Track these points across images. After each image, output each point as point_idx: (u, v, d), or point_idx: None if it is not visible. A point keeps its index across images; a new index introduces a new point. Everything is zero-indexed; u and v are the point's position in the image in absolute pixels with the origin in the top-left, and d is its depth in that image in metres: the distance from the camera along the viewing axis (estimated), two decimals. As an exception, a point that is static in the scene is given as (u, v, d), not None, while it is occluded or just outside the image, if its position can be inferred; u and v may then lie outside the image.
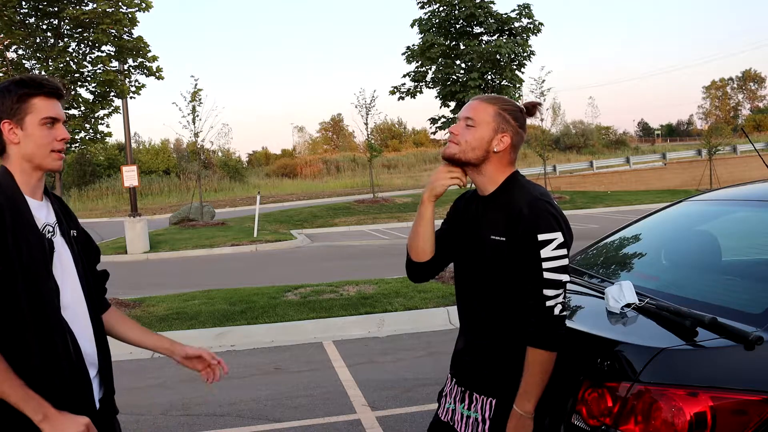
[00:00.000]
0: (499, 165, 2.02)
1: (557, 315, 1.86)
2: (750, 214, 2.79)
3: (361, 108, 26.06)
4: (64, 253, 1.83)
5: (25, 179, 1.79)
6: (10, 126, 1.76)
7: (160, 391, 5.16)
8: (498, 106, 2.01)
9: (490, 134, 1.99)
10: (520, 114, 2.03)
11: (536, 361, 1.86)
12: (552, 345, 1.86)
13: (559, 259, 1.86)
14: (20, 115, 1.75)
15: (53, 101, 1.80)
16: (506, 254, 1.92)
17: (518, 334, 1.91)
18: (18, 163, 1.78)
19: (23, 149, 1.77)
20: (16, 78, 1.81)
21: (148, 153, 50.28)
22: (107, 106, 9.09)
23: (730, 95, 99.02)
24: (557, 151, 55.44)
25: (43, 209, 1.82)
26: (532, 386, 1.87)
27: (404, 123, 78.33)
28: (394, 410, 4.48)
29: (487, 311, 2.01)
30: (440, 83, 13.56)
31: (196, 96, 19.59)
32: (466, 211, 2.14)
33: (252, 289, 8.65)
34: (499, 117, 2.00)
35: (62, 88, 1.86)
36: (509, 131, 2.00)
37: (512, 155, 2.03)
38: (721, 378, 1.73)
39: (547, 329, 1.85)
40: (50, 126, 1.79)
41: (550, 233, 1.86)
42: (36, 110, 1.77)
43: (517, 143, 2.03)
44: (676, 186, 31.60)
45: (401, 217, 22.48)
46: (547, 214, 1.88)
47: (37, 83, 1.78)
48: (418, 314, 7.00)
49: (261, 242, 16.06)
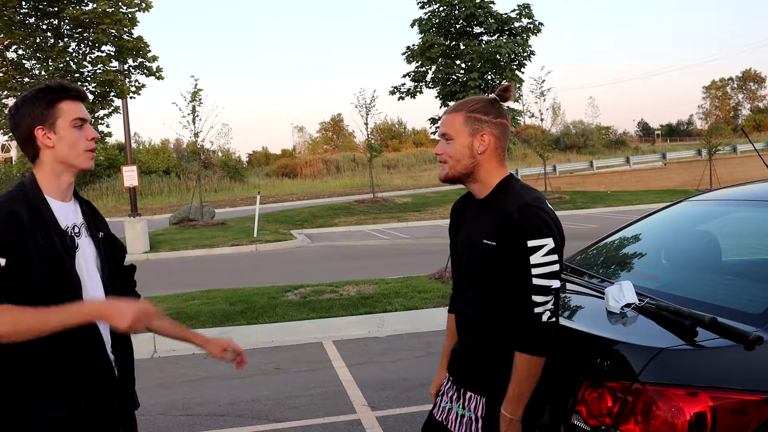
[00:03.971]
0: (489, 166, 2.01)
1: (545, 321, 1.85)
2: (750, 214, 2.78)
3: (361, 108, 26.12)
4: (88, 253, 1.90)
5: (56, 183, 1.85)
6: (44, 131, 1.83)
7: (160, 391, 5.15)
8: (465, 111, 2.00)
9: (468, 140, 1.99)
10: (492, 106, 2.01)
11: (524, 366, 1.87)
12: (539, 350, 1.86)
13: (549, 265, 1.86)
14: (51, 120, 1.82)
15: (78, 104, 1.88)
16: (497, 259, 1.92)
17: (507, 337, 1.92)
18: (51, 167, 1.85)
19: (58, 152, 1.84)
20: (42, 86, 1.88)
21: (148, 153, 50.26)
22: (107, 106, 9.11)
23: (730, 95, 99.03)
24: (557, 151, 55.44)
25: (71, 211, 1.89)
26: (520, 391, 1.87)
27: (404, 123, 78.37)
28: (394, 410, 4.48)
29: (477, 313, 2.03)
30: (440, 83, 13.55)
31: (196, 96, 19.59)
32: (463, 212, 2.16)
33: (252, 289, 8.65)
34: (469, 120, 1.99)
35: (84, 92, 1.94)
36: (486, 128, 1.99)
37: (500, 150, 2.02)
38: (721, 378, 1.73)
39: (535, 335, 1.85)
40: (80, 127, 1.86)
41: (540, 239, 1.85)
42: (65, 113, 1.84)
43: (501, 134, 2.01)
44: (676, 186, 31.61)
45: (401, 217, 22.49)
46: (537, 219, 1.87)
47: (62, 88, 1.86)
48: (418, 314, 6.99)
49: (261, 242, 16.06)
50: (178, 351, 6.39)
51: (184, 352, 6.36)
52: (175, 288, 9.36)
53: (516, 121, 15.42)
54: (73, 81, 8.68)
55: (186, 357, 6.21)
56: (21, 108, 1.83)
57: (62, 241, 1.79)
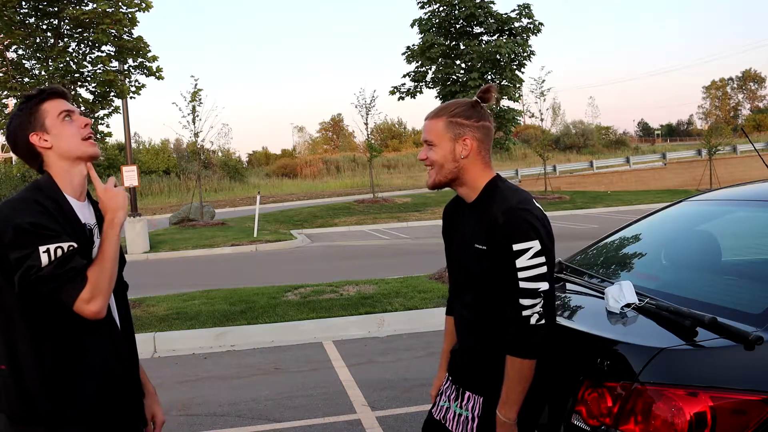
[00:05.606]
0: (474, 169, 2.01)
1: (533, 324, 1.85)
2: (750, 214, 2.78)
3: (361, 108, 26.15)
4: None
5: (69, 179, 1.87)
6: (38, 135, 1.86)
7: (160, 391, 5.12)
8: (445, 116, 2.00)
9: (450, 145, 1.99)
10: (473, 109, 2.00)
11: (515, 369, 1.87)
12: (529, 353, 1.86)
13: (536, 267, 1.85)
14: (40, 122, 1.86)
15: (59, 100, 1.91)
16: (488, 263, 1.93)
17: (500, 339, 1.92)
18: (58, 165, 1.87)
19: (58, 149, 1.86)
20: (21, 98, 1.94)
21: (148, 153, 50.28)
22: (107, 106, 9.06)
23: (730, 95, 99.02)
24: (557, 151, 55.44)
25: (85, 210, 1.91)
26: (513, 394, 1.88)
27: (404, 123, 78.31)
28: (394, 410, 4.48)
29: (474, 316, 2.04)
30: (440, 83, 13.52)
31: (196, 96, 19.61)
32: (455, 216, 2.17)
33: (252, 289, 8.65)
34: (450, 125, 1.99)
35: (62, 88, 1.96)
36: (467, 132, 1.98)
37: (484, 153, 2.01)
38: (721, 378, 1.73)
39: (524, 338, 1.86)
40: (69, 119, 1.88)
41: (525, 242, 1.85)
42: (50, 112, 1.88)
43: (483, 137, 2.01)
44: (676, 186, 31.59)
45: (401, 217, 22.49)
46: (522, 222, 1.86)
47: (38, 91, 1.91)
48: (418, 314, 6.99)
49: (261, 242, 16.06)
50: (178, 351, 6.39)
51: (184, 352, 6.36)
52: (175, 288, 9.36)
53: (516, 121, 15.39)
54: (73, 81, 8.67)
55: (186, 357, 6.21)
56: (11, 125, 1.89)
57: (82, 234, 1.82)
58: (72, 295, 1.70)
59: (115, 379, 1.86)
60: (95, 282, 1.72)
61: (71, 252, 1.72)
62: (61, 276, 1.69)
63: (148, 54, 9.10)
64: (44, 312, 1.74)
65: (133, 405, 1.98)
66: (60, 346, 1.76)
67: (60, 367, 1.76)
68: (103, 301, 1.74)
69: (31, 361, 1.74)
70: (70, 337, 1.78)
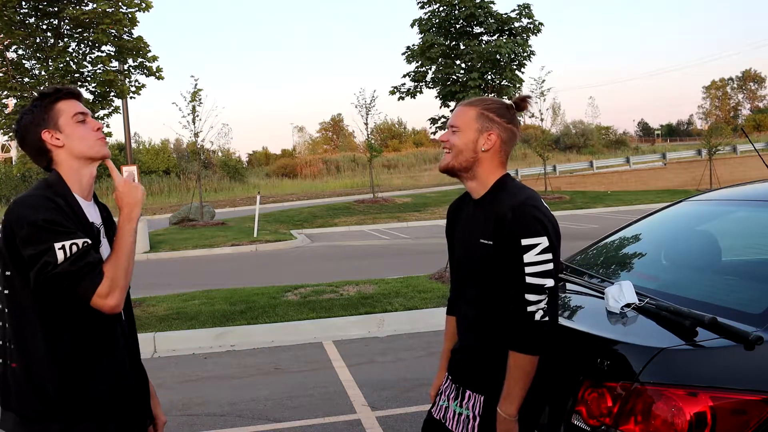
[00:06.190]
0: (490, 165, 2.02)
1: (538, 320, 1.86)
2: (750, 214, 2.78)
3: (361, 108, 26.12)
4: (105, 255, 1.91)
5: (77, 178, 1.89)
6: (50, 133, 1.87)
7: (160, 391, 5.13)
8: (480, 107, 2.03)
9: (475, 135, 2.01)
10: (507, 110, 2.03)
11: (517, 365, 1.87)
12: (532, 349, 1.86)
13: (543, 264, 1.86)
14: (54, 121, 1.87)
15: (74, 101, 1.92)
16: (494, 258, 1.94)
17: (502, 336, 1.92)
18: (68, 164, 1.88)
19: (70, 149, 1.88)
20: (36, 95, 1.96)
21: (148, 153, 50.29)
22: (107, 106, 9.06)
23: (730, 95, 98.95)
24: (557, 151, 55.40)
25: (92, 210, 1.92)
26: (515, 390, 1.88)
27: (404, 123, 78.34)
28: (394, 410, 4.48)
29: (477, 313, 2.04)
30: (440, 83, 13.50)
31: (196, 96, 19.60)
32: (459, 214, 2.17)
33: (252, 289, 8.65)
34: (481, 117, 2.01)
35: (77, 90, 1.99)
36: (495, 129, 2.01)
37: (503, 153, 2.04)
38: (721, 378, 1.73)
39: (528, 334, 1.86)
40: (83, 121, 1.90)
41: (534, 238, 1.86)
42: (64, 112, 1.89)
43: (508, 139, 2.03)
44: (676, 186, 31.59)
45: (401, 217, 22.50)
46: (531, 218, 1.88)
47: (55, 90, 1.91)
48: (418, 314, 7.00)
49: (261, 242, 16.06)
50: (178, 351, 6.40)
51: (184, 352, 6.36)
52: (175, 288, 9.36)
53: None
54: (73, 81, 8.67)
55: (186, 357, 6.21)
56: (22, 121, 1.89)
57: (90, 233, 1.83)
58: (90, 290, 1.71)
59: (126, 373, 1.88)
60: (112, 276, 1.74)
61: (86, 248, 1.73)
62: (77, 272, 1.70)
63: (148, 54, 9.10)
64: (58, 307, 1.76)
65: (141, 399, 1.99)
66: (74, 341, 1.78)
67: (74, 362, 1.77)
68: (120, 295, 1.75)
69: (45, 356, 1.75)
70: (83, 332, 1.79)
